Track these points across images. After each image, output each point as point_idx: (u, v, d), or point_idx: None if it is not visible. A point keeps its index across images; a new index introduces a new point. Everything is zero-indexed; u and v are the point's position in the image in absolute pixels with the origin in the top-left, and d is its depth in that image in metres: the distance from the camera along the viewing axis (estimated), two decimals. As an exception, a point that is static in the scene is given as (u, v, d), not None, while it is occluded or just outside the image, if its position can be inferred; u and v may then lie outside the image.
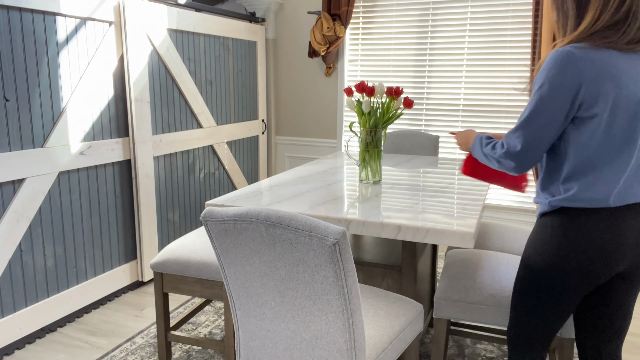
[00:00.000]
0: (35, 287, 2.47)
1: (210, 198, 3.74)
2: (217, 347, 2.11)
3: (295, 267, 1.26)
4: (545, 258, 1.35)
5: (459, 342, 2.48)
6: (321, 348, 1.32)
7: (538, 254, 1.38)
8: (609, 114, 1.22)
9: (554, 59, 1.23)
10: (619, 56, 1.22)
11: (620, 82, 1.21)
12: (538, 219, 1.42)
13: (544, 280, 1.37)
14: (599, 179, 1.27)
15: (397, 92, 2.10)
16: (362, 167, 2.19)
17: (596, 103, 1.22)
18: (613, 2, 1.20)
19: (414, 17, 3.86)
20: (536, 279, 1.38)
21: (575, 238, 1.30)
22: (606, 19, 1.21)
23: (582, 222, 1.29)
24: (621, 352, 1.49)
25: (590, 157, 1.27)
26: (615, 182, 1.27)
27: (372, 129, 2.13)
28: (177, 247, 2.15)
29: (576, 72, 1.21)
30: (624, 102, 1.22)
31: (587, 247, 1.29)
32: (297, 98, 4.36)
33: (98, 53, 2.69)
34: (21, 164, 2.33)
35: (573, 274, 1.32)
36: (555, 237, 1.33)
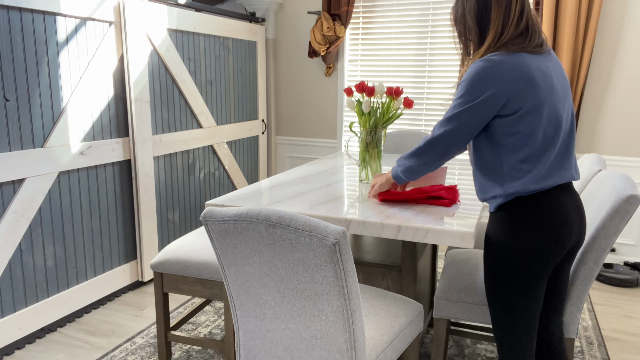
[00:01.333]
0: (35, 287, 2.47)
1: (210, 198, 3.74)
2: (217, 347, 2.11)
3: (295, 267, 1.26)
4: (514, 248, 1.42)
5: (459, 342, 2.48)
6: (321, 348, 1.32)
7: (505, 246, 1.44)
8: (531, 106, 1.37)
9: (476, 68, 1.39)
10: (529, 57, 1.40)
11: (535, 79, 1.37)
12: (493, 214, 1.50)
13: (516, 269, 1.43)
14: (539, 166, 1.40)
15: (397, 92, 2.11)
16: (362, 167, 2.19)
17: (518, 99, 1.37)
18: (512, 18, 1.40)
19: (414, 17, 3.86)
20: (508, 270, 1.44)
21: (538, 222, 1.40)
22: (511, 32, 1.40)
23: (539, 205, 1.41)
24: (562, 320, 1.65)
25: (528, 147, 1.39)
26: (551, 166, 1.41)
27: (372, 129, 2.14)
28: (177, 247, 2.15)
29: (497, 77, 1.36)
30: (541, 95, 1.38)
31: (548, 226, 1.40)
32: (297, 98, 4.36)
33: (98, 53, 2.69)
34: (21, 164, 2.33)
35: (542, 257, 1.41)
36: (518, 226, 1.42)
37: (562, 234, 1.42)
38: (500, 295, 1.48)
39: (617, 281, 3.18)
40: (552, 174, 1.42)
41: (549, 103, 1.39)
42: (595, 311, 2.85)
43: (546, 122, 1.39)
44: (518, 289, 1.45)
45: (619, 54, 3.32)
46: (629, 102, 3.34)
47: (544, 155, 1.40)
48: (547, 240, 1.40)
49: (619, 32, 3.30)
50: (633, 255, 3.45)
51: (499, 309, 1.50)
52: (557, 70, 1.47)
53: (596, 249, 1.61)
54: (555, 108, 1.41)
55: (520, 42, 1.40)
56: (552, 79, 1.41)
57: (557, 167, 1.43)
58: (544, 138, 1.40)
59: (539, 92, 1.37)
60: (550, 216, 1.40)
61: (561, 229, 1.41)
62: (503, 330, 1.51)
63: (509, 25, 1.40)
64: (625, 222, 1.56)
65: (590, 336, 2.55)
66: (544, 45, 1.45)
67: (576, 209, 1.46)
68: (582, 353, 2.38)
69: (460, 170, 2.58)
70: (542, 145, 1.40)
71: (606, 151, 3.45)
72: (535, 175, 1.40)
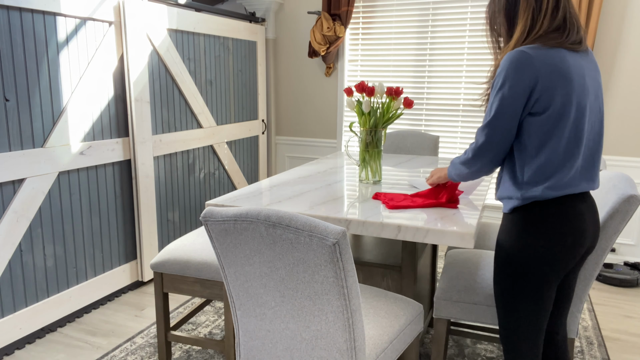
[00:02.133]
0: (35, 287, 2.47)
1: (210, 198, 3.74)
2: (217, 347, 2.11)
3: (295, 267, 1.26)
4: (526, 253, 1.40)
5: (459, 342, 2.48)
6: (321, 348, 1.32)
7: (517, 249, 1.42)
8: (562, 103, 1.32)
9: (509, 60, 1.34)
10: (566, 53, 1.35)
11: (571, 75, 1.33)
12: (507, 215, 1.47)
13: (527, 274, 1.41)
14: (561, 173, 1.36)
15: (397, 92, 2.11)
16: (362, 167, 2.19)
17: (550, 94, 1.32)
18: (545, 11, 1.35)
19: (414, 17, 3.86)
20: (519, 274, 1.42)
21: (553, 228, 1.38)
22: (545, 25, 1.36)
23: (557, 212, 1.38)
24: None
25: (551, 151, 1.35)
26: (574, 175, 1.38)
27: (372, 129, 2.14)
28: (177, 247, 2.15)
29: (531, 69, 1.31)
30: (574, 93, 1.33)
31: (564, 233, 1.37)
32: (297, 98, 4.36)
33: (98, 53, 2.69)
34: (21, 164, 2.33)
35: (554, 263, 1.39)
36: (532, 230, 1.39)
37: (576, 242, 1.38)
38: (508, 299, 1.46)
39: (617, 281, 3.18)
40: (573, 183, 1.37)
41: (578, 104, 1.34)
42: (595, 311, 2.85)
43: (573, 126, 1.34)
44: (528, 294, 1.42)
45: (619, 54, 3.32)
46: (629, 102, 3.34)
47: (567, 162, 1.36)
48: (561, 247, 1.38)
49: (619, 32, 3.30)
50: (633, 255, 3.45)
51: (506, 312, 1.48)
52: (592, 73, 1.41)
53: (596, 249, 1.61)
54: (584, 111, 1.35)
55: (556, 36, 1.35)
56: (585, 80, 1.36)
57: (581, 176, 1.39)
58: (567, 143, 1.35)
59: (573, 89, 1.32)
60: (567, 224, 1.37)
61: (576, 237, 1.38)
62: (510, 334, 1.49)
63: (541, 19, 1.36)
64: (625, 222, 1.56)
65: (590, 336, 2.55)
66: (582, 43, 1.38)
67: (592, 216, 1.43)
68: (582, 353, 2.38)
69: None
70: (566, 151, 1.35)
71: (606, 151, 3.45)
72: (556, 182, 1.36)
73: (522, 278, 1.42)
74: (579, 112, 1.35)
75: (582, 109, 1.35)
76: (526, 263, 1.40)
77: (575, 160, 1.37)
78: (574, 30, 1.37)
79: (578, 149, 1.37)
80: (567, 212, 1.37)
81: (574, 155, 1.36)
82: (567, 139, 1.35)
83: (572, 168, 1.37)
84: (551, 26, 1.36)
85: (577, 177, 1.38)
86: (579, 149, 1.37)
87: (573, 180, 1.37)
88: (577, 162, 1.37)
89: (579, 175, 1.38)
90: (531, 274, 1.40)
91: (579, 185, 1.38)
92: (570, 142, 1.35)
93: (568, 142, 1.35)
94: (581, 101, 1.35)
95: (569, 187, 1.37)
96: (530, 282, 1.41)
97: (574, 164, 1.37)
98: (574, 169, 1.37)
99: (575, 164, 1.37)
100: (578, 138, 1.36)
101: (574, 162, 1.37)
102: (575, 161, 1.37)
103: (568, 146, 1.35)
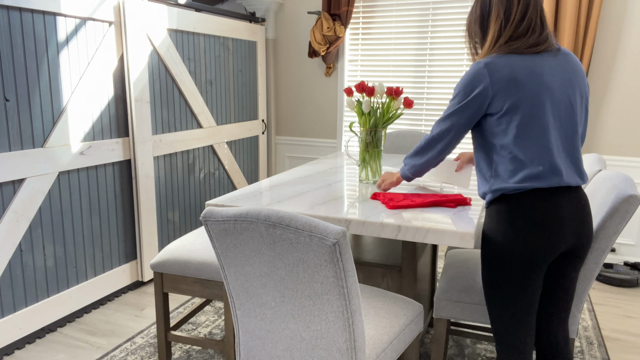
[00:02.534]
0: (35, 287, 2.47)
1: (210, 198, 3.74)
2: (217, 347, 2.11)
3: (295, 267, 1.26)
4: (503, 241, 1.46)
5: (459, 342, 2.48)
6: (321, 348, 1.32)
7: (495, 240, 1.48)
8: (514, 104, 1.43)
9: (468, 71, 1.51)
10: (519, 57, 1.46)
11: (517, 78, 1.43)
12: (486, 209, 1.56)
13: (506, 262, 1.46)
14: (527, 167, 1.44)
15: (397, 92, 2.11)
16: (362, 167, 2.19)
17: (501, 98, 1.44)
18: (511, 22, 1.47)
19: (414, 17, 3.86)
20: (499, 263, 1.48)
21: (524, 217, 1.43)
22: (508, 34, 1.48)
23: (524, 203, 1.44)
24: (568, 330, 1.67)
25: (513, 146, 1.45)
26: (545, 165, 1.43)
27: (372, 129, 2.14)
28: (177, 247, 2.15)
29: (483, 77, 1.46)
30: (526, 93, 1.43)
31: (536, 223, 1.43)
32: (297, 98, 4.36)
33: (98, 53, 2.69)
34: (21, 164, 2.33)
35: (530, 251, 1.44)
36: (505, 220, 1.46)
37: (550, 231, 1.43)
38: (493, 288, 1.51)
39: (617, 281, 3.18)
40: (543, 177, 1.43)
41: (535, 102, 1.43)
42: (595, 311, 2.85)
43: (532, 121, 1.43)
44: (510, 282, 1.47)
45: (619, 54, 3.32)
46: (629, 102, 3.34)
47: (531, 156, 1.43)
48: (535, 235, 1.43)
49: (619, 32, 3.30)
50: (633, 255, 3.45)
51: (494, 303, 1.53)
52: (559, 69, 1.47)
53: (596, 249, 1.61)
54: (544, 108, 1.43)
55: (514, 43, 1.47)
56: (543, 77, 1.44)
57: (553, 170, 1.44)
58: (527, 138, 1.43)
59: (523, 91, 1.43)
60: (536, 213, 1.42)
61: (549, 225, 1.42)
62: (499, 325, 1.53)
63: (506, 30, 1.48)
64: (625, 222, 1.57)
65: (590, 336, 2.55)
66: (541, 45, 1.48)
67: (573, 211, 1.46)
68: (582, 353, 2.38)
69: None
70: (527, 146, 1.43)
71: (606, 151, 3.45)
72: (523, 176, 1.44)
73: (502, 266, 1.47)
74: (536, 108, 1.43)
75: (540, 105, 1.43)
76: (502, 251, 1.46)
77: (543, 155, 1.43)
78: (535, 35, 1.48)
79: (543, 144, 1.43)
80: (535, 203, 1.43)
81: (539, 150, 1.43)
82: (526, 135, 1.44)
83: (540, 162, 1.43)
84: (515, 35, 1.48)
85: (548, 171, 1.43)
86: (544, 144, 1.43)
87: (542, 174, 1.43)
88: (546, 157, 1.43)
89: (550, 169, 1.43)
90: (509, 262, 1.46)
91: (550, 178, 1.43)
92: (531, 138, 1.43)
93: (528, 137, 1.44)
94: (537, 98, 1.43)
95: (537, 180, 1.43)
96: (510, 270, 1.46)
97: (542, 158, 1.43)
98: (542, 163, 1.43)
99: (543, 158, 1.43)
100: (541, 133, 1.44)
101: (541, 157, 1.43)
102: (543, 155, 1.43)
103: (529, 141, 1.44)
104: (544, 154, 1.43)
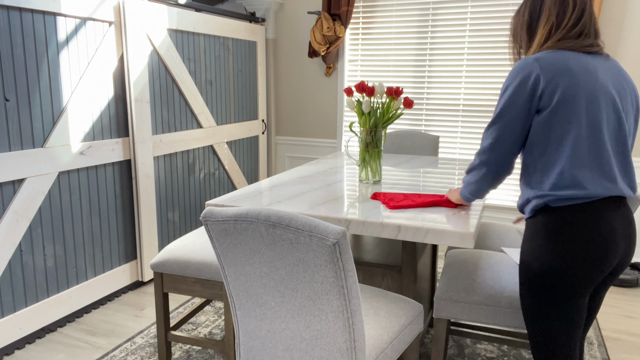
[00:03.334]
0: (35, 287, 2.47)
1: (210, 198, 3.74)
2: (217, 347, 2.11)
3: (295, 267, 1.26)
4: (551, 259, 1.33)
5: (459, 342, 2.48)
6: (321, 348, 1.32)
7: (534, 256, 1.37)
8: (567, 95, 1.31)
9: (517, 65, 1.39)
10: (574, 54, 1.36)
11: (571, 67, 1.32)
12: (529, 220, 1.42)
13: (556, 282, 1.33)
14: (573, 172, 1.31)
15: (397, 92, 2.11)
16: (362, 167, 2.19)
17: (553, 86, 1.31)
18: (563, 27, 1.39)
19: (414, 17, 3.86)
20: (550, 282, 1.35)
21: (579, 233, 1.30)
22: (558, 38, 1.39)
23: (579, 216, 1.30)
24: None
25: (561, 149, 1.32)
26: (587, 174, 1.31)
27: (372, 129, 2.14)
28: (177, 247, 2.15)
29: (532, 65, 1.34)
30: (579, 84, 1.31)
31: (593, 241, 1.29)
32: (297, 98, 4.36)
33: (98, 53, 2.69)
34: (21, 164, 2.33)
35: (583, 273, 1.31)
36: (556, 235, 1.32)
37: (597, 253, 1.29)
38: (535, 312, 1.40)
39: (617, 281, 3.18)
40: (589, 183, 1.30)
41: (588, 97, 1.30)
42: (595, 311, 2.85)
43: (585, 123, 1.30)
44: (557, 306, 1.35)
45: (619, 54, 3.32)
46: (629, 102, 3.34)
47: (578, 160, 1.30)
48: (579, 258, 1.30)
49: (619, 32, 3.30)
50: (633, 255, 3.45)
51: (537, 327, 1.41)
52: (611, 72, 1.38)
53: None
54: (598, 107, 1.31)
55: (566, 42, 1.38)
56: (598, 74, 1.33)
57: (598, 176, 1.31)
58: (577, 140, 1.30)
59: (576, 80, 1.30)
60: (593, 229, 1.29)
61: (597, 248, 1.29)
62: (542, 351, 1.42)
63: (556, 34, 1.40)
64: (626, 222, 1.56)
65: (590, 336, 2.55)
66: (594, 46, 1.38)
67: (625, 227, 1.34)
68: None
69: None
70: (576, 150, 1.30)
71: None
72: (566, 181, 1.30)
73: (549, 288, 1.35)
74: (589, 105, 1.31)
75: (594, 102, 1.31)
76: (551, 270, 1.33)
77: (586, 160, 1.30)
78: (589, 39, 1.39)
79: (595, 147, 1.30)
80: (589, 217, 1.29)
81: (590, 154, 1.30)
82: (576, 137, 1.30)
83: (584, 167, 1.30)
84: (564, 37, 1.39)
85: (594, 178, 1.30)
86: (595, 148, 1.30)
87: (587, 181, 1.30)
88: (589, 162, 1.30)
89: (596, 176, 1.30)
90: (557, 283, 1.33)
91: (596, 186, 1.30)
92: (583, 139, 1.30)
93: (578, 139, 1.30)
94: (591, 93, 1.31)
95: (582, 188, 1.29)
96: (557, 293, 1.34)
97: (585, 163, 1.30)
98: (585, 169, 1.30)
99: (587, 163, 1.30)
100: (593, 135, 1.30)
101: (585, 162, 1.30)
102: (588, 161, 1.30)
103: (580, 143, 1.30)
104: (598, 158, 1.31)
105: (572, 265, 1.30)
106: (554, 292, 1.34)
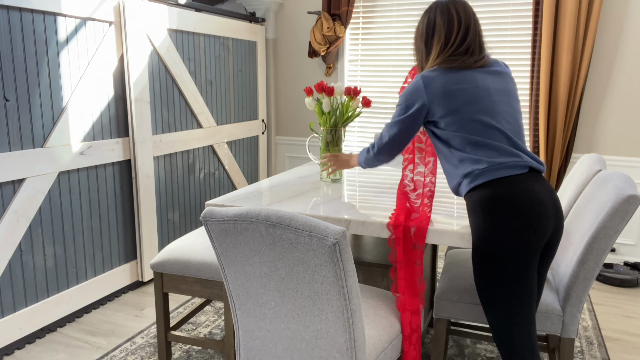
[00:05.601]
0: (35, 287, 2.47)
1: (210, 198, 3.74)
2: (217, 347, 2.11)
3: (295, 267, 1.26)
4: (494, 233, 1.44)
5: (459, 342, 2.48)
6: (321, 348, 1.32)
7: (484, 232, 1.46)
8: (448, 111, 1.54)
9: (412, 82, 1.63)
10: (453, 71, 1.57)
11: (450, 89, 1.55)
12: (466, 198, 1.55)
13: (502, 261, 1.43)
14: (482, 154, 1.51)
15: (355, 92, 2.20)
16: (323, 165, 2.24)
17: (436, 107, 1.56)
18: (450, 46, 1.60)
19: (414, 17, 3.86)
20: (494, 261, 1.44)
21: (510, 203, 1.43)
22: (449, 53, 1.60)
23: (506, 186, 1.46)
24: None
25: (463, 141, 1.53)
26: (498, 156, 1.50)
27: (333, 127, 2.23)
28: (177, 247, 2.15)
29: (420, 90, 1.58)
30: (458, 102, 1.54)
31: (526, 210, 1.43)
32: (297, 98, 4.36)
33: (98, 53, 2.69)
34: (21, 164, 2.33)
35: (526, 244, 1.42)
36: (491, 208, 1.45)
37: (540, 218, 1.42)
38: (490, 292, 1.47)
39: (617, 281, 3.18)
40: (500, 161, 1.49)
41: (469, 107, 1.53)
42: (595, 311, 2.85)
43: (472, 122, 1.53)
44: (509, 282, 1.44)
45: (619, 54, 3.32)
46: (629, 102, 3.34)
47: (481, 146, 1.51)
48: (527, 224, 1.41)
49: (619, 32, 3.30)
50: (633, 255, 3.45)
51: (496, 309, 1.48)
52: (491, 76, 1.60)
53: (596, 249, 1.61)
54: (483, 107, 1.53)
55: (451, 60, 1.59)
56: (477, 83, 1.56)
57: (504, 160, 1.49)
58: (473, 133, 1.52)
59: (455, 100, 1.54)
60: (521, 199, 1.42)
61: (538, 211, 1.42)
62: (502, 331, 1.49)
63: (445, 51, 1.60)
64: (626, 222, 1.56)
65: (590, 336, 2.55)
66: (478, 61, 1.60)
67: (549, 195, 1.48)
68: (582, 353, 2.38)
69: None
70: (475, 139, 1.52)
71: (606, 151, 3.45)
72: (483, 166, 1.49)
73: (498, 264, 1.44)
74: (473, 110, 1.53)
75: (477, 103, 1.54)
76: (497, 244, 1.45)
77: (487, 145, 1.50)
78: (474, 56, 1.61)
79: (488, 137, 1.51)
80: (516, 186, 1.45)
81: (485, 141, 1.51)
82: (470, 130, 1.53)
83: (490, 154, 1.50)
84: (454, 54, 1.60)
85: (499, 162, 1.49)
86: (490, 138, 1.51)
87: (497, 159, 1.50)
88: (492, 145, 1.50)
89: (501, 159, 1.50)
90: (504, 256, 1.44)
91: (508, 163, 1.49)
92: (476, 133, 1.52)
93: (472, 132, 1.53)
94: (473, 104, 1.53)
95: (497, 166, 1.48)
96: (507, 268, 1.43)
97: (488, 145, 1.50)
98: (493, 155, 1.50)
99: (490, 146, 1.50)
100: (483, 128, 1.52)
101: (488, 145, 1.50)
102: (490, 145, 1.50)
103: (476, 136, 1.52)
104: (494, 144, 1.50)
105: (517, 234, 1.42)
106: (503, 266, 1.44)
